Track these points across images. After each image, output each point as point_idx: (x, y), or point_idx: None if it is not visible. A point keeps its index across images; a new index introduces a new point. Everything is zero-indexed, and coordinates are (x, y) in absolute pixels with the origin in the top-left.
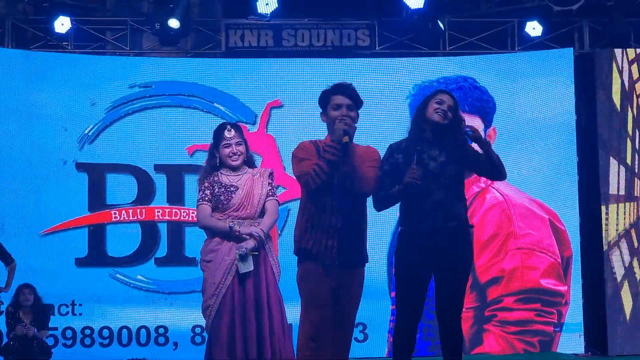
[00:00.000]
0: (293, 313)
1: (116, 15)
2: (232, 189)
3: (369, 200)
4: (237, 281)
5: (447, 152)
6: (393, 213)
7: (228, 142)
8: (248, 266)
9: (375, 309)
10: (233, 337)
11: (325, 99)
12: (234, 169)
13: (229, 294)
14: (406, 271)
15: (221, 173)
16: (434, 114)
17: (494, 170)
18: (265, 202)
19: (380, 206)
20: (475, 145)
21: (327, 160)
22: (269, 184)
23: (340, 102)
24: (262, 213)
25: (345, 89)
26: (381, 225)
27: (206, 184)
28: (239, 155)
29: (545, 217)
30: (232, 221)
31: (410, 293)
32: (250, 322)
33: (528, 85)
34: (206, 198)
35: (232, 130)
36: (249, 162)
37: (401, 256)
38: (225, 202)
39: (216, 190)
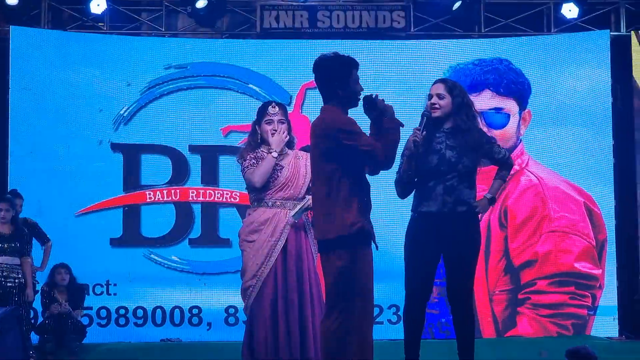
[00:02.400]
0: None
1: None
2: (277, 167)
3: None
4: (280, 262)
5: (461, 140)
6: None
7: (271, 118)
8: (297, 216)
9: None
10: (276, 318)
11: (349, 70)
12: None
13: (272, 275)
14: (416, 251)
15: (264, 152)
16: (431, 110)
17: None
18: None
19: (398, 189)
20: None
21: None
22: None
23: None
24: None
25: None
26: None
27: (251, 155)
28: (280, 133)
29: (580, 200)
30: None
31: (419, 273)
32: (293, 304)
33: (564, 68)
34: (255, 164)
35: (277, 107)
36: (289, 144)
37: (411, 237)
38: (271, 180)
39: None
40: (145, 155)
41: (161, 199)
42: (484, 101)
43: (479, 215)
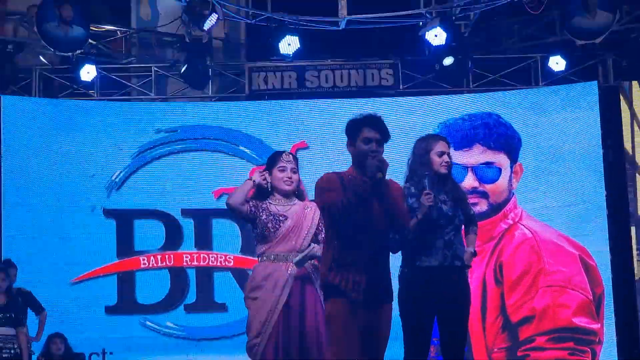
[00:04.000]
0: None
1: (141, 62)
2: (281, 218)
3: None
4: (281, 319)
5: (449, 195)
6: None
7: (284, 165)
8: (300, 264)
9: None
10: None
11: (354, 130)
12: (286, 195)
13: (274, 332)
14: (413, 309)
15: (269, 202)
16: (441, 167)
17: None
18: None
19: (397, 246)
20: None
21: (358, 194)
22: (319, 217)
23: (372, 136)
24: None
25: (376, 123)
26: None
27: (254, 203)
28: (292, 181)
29: (575, 253)
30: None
31: (417, 331)
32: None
33: (553, 120)
34: (254, 212)
35: (290, 156)
36: (299, 195)
37: (408, 294)
38: (272, 231)
39: (264, 217)
40: (138, 220)
41: (155, 264)
42: (474, 156)
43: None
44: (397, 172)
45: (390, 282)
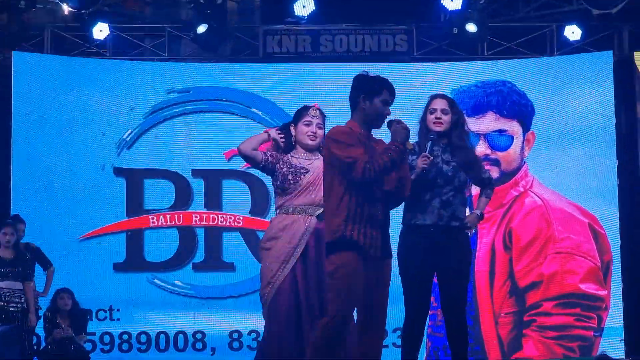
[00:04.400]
0: None
1: (154, 22)
2: (302, 170)
3: None
4: (300, 269)
5: (456, 156)
6: None
7: (310, 120)
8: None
9: None
10: (291, 327)
11: (375, 88)
12: (309, 150)
13: (291, 282)
14: (410, 265)
15: (292, 155)
16: (433, 124)
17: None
18: None
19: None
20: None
21: (394, 160)
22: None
23: (390, 100)
24: None
25: (392, 88)
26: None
27: (274, 154)
28: (317, 137)
29: (584, 220)
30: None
31: (415, 286)
32: (313, 310)
33: (567, 89)
34: (270, 162)
35: (317, 111)
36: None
37: (404, 250)
38: (292, 183)
39: (285, 169)
40: (148, 179)
41: (164, 223)
42: (487, 123)
43: (471, 232)
44: (412, 138)
45: (390, 238)
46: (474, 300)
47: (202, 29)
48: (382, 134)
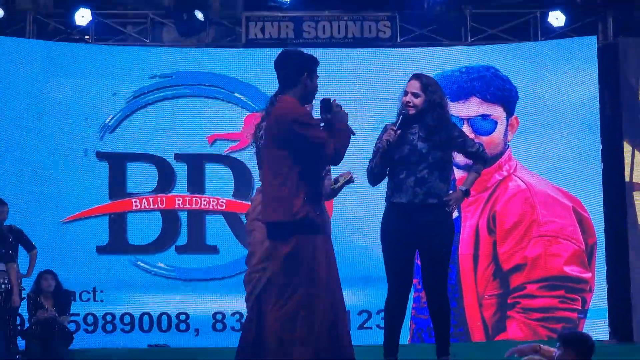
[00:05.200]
0: None
1: (137, 8)
2: None
3: None
4: None
5: (433, 134)
6: None
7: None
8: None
9: None
10: None
11: (316, 66)
12: None
13: None
14: (390, 242)
15: None
16: (405, 106)
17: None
18: None
19: (369, 178)
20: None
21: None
22: None
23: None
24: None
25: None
26: None
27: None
28: None
29: (568, 204)
30: None
31: (396, 262)
32: None
33: (551, 74)
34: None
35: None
36: None
37: (385, 228)
38: None
39: None
40: (131, 163)
41: (147, 206)
42: (471, 108)
43: (451, 209)
44: (392, 121)
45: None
46: (457, 283)
47: (184, 16)
48: None
